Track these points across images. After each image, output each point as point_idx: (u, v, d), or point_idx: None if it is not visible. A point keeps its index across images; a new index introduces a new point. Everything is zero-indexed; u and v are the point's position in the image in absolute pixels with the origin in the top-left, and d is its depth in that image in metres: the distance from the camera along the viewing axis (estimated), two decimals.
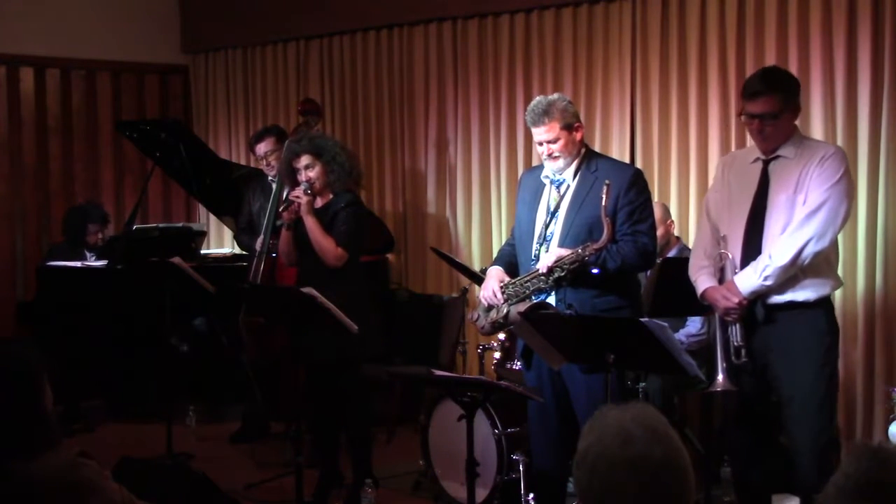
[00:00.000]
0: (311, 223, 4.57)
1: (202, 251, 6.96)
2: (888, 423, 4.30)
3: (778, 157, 3.71)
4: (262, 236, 5.60)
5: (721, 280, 3.74)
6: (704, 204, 4.03)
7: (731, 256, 3.70)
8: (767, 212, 3.68)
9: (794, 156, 3.68)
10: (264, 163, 5.85)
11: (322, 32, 7.16)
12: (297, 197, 4.58)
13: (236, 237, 6.36)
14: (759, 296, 3.64)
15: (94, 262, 6.51)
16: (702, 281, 3.80)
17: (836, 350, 3.81)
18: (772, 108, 3.64)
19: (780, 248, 3.59)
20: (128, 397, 6.42)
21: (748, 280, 3.62)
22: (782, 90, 3.67)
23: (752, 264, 3.63)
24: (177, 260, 5.34)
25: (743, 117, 3.76)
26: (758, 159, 3.75)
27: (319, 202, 4.68)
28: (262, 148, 5.84)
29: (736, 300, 3.62)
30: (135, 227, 6.52)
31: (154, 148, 6.50)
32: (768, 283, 3.59)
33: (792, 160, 3.68)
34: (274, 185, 5.72)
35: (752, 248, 3.69)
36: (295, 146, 4.70)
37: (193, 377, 6.36)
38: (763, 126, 3.67)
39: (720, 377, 3.65)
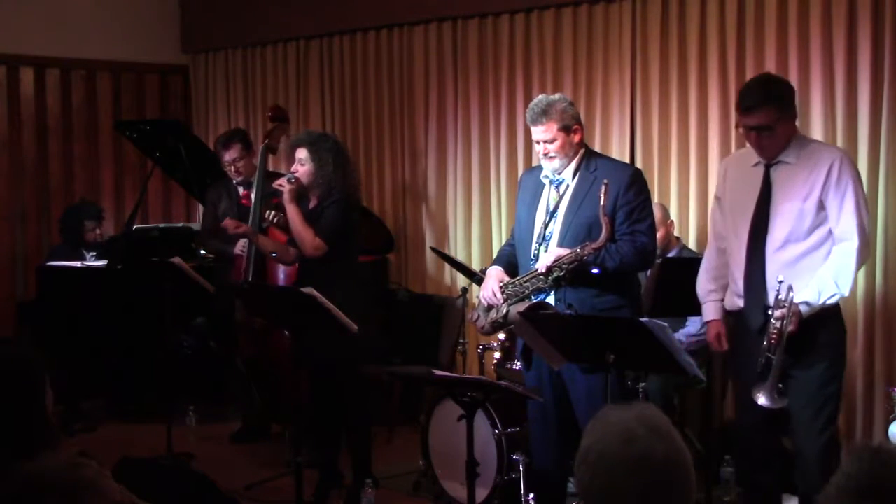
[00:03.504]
0: (292, 211, 4.62)
1: (202, 251, 6.95)
2: (888, 423, 4.29)
3: (780, 161, 3.70)
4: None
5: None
6: (711, 213, 4.04)
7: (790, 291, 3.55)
8: (771, 220, 3.68)
9: (796, 160, 3.67)
10: (232, 169, 5.81)
11: (322, 32, 7.16)
12: (281, 185, 4.67)
13: (201, 240, 6.31)
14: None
15: (93, 263, 6.51)
16: (708, 310, 3.90)
17: (845, 352, 3.84)
18: (767, 120, 3.62)
19: (838, 276, 3.59)
20: (128, 397, 6.42)
21: (812, 309, 3.59)
22: (777, 101, 3.64)
23: (817, 290, 3.57)
24: (177, 260, 5.33)
25: (740, 129, 3.75)
26: (759, 163, 3.74)
27: (311, 203, 4.71)
28: (229, 155, 5.79)
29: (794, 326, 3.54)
30: (135, 227, 6.52)
31: (154, 148, 6.50)
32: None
33: (795, 165, 3.67)
34: (239, 190, 5.75)
35: (755, 255, 3.69)
36: (304, 138, 4.76)
37: (193, 377, 6.35)
38: (760, 138, 3.66)
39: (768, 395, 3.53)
